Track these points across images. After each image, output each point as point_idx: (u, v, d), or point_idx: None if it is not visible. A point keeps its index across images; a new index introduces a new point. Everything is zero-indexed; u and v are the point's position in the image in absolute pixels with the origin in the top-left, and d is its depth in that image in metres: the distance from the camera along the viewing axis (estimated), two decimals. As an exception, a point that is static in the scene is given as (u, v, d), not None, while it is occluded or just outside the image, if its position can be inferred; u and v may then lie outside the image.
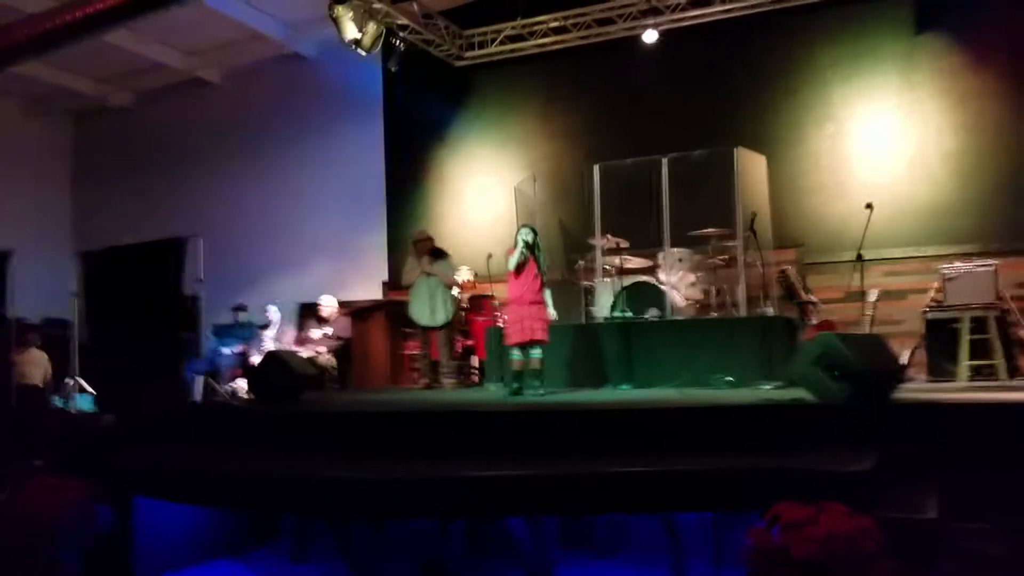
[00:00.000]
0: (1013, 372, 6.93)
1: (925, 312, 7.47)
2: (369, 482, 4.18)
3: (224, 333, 9.85)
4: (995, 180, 8.06)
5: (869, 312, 7.12)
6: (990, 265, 6.75)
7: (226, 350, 9.53)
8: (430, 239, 8.19)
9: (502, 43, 10.02)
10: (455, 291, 8.78)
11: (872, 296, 7.48)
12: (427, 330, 7.93)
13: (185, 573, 5.51)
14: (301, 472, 4.49)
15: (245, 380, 8.83)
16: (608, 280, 7.90)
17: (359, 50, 8.92)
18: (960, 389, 5.91)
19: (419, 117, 10.75)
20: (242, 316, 9.84)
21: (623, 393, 6.59)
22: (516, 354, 6.44)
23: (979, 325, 6.65)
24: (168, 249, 8.30)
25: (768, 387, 6.33)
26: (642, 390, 6.72)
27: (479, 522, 5.24)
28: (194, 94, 12.16)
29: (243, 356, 9.55)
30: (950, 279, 6.80)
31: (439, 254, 8.10)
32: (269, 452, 5.40)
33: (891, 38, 8.59)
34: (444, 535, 5.09)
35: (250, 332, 9.72)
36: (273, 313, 9.55)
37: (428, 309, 7.84)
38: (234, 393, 9.10)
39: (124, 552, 5.37)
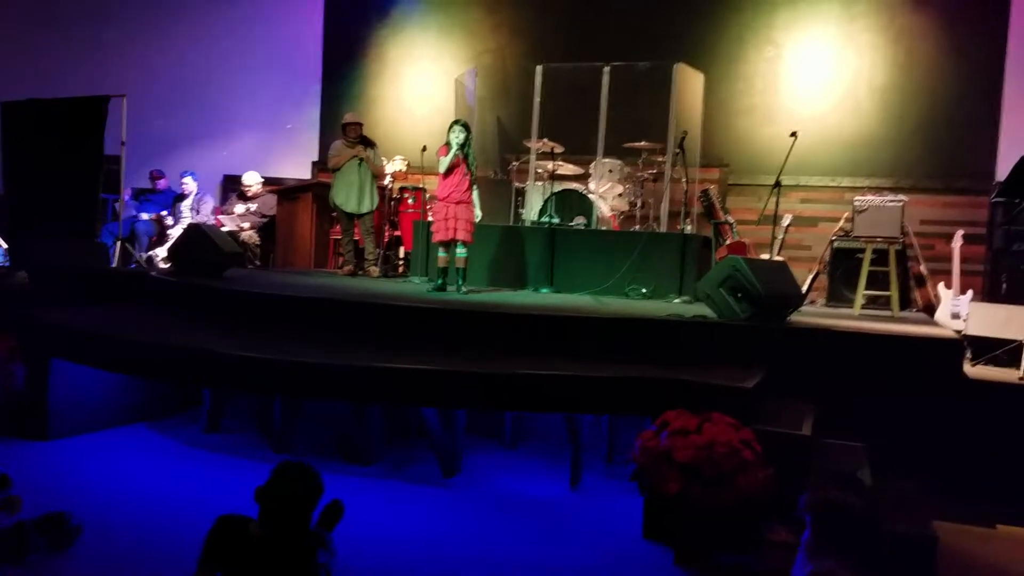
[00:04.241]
0: (905, 305, 7.44)
1: (833, 240, 7.89)
2: (285, 363, 4.31)
3: (144, 198, 9.66)
4: (916, 119, 8.38)
5: (780, 236, 7.44)
6: (899, 200, 7.05)
7: (144, 215, 9.37)
8: (361, 124, 8.07)
9: (454, -77, 9.68)
10: (387, 180, 8.76)
11: (786, 221, 7.82)
12: (351, 216, 7.93)
13: (98, 436, 5.61)
14: (217, 348, 4.57)
15: (162, 248, 8.75)
16: (540, 184, 8.01)
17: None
18: (851, 317, 6.32)
19: (364, -10, 10.42)
20: (161, 183, 9.64)
21: (542, 296, 6.81)
22: (441, 251, 6.56)
23: (880, 257, 7.02)
24: (91, 106, 7.99)
25: (678, 301, 6.66)
26: (560, 295, 6.96)
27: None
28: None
29: (161, 223, 9.41)
30: (860, 211, 7.08)
31: (368, 142, 8.00)
32: (187, 325, 5.46)
33: (837, -36, 8.68)
34: (360, 414, 5.29)
35: (171, 198, 9.55)
36: (189, 184, 9.35)
37: (355, 196, 7.80)
38: (150, 260, 9.01)
39: (37, 412, 5.44)
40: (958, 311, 6.70)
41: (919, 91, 8.39)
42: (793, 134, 6.51)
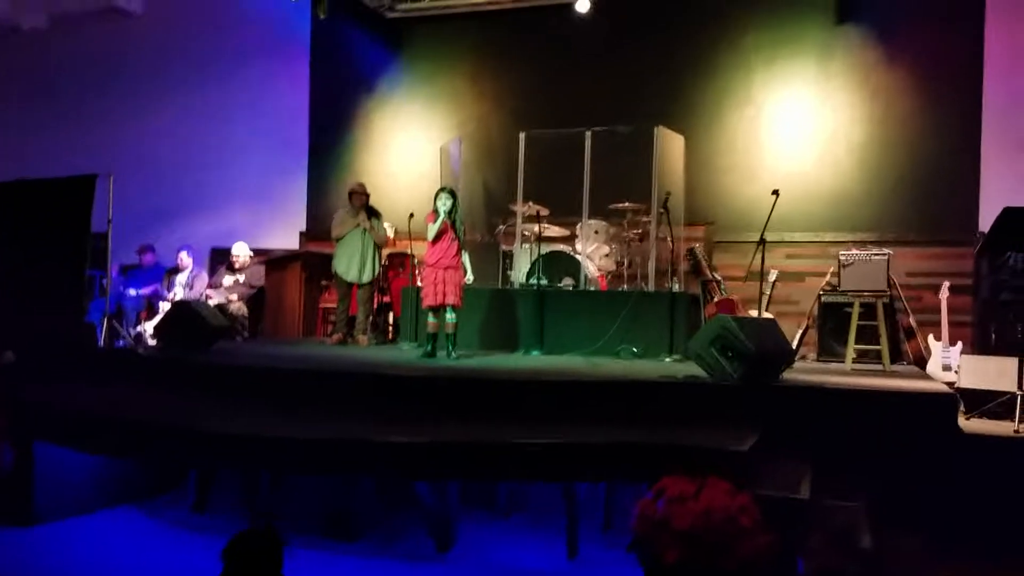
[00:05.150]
0: (896, 357, 7.44)
1: (820, 295, 7.92)
2: (275, 440, 4.24)
3: (131, 274, 9.65)
4: (896, 173, 8.48)
5: (768, 292, 7.47)
6: (884, 254, 7.10)
7: (132, 292, 9.35)
8: (368, 194, 8.12)
9: (435, -2, 9.93)
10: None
11: (772, 277, 7.85)
12: (350, 285, 7.92)
13: (85, 520, 5.49)
14: (206, 426, 4.50)
15: (151, 323, 8.70)
16: (527, 246, 8.05)
17: (287, -6, 8.70)
18: (843, 372, 6.31)
19: (348, 65, 10.59)
20: (147, 259, 9.64)
21: (533, 359, 6.78)
22: (431, 316, 6.56)
23: (868, 311, 7.03)
24: (77, 186, 8.03)
25: (669, 360, 6.63)
26: (552, 356, 6.93)
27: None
28: (113, 22, 11.60)
29: (150, 299, 9.39)
30: (846, 265, 7.13)
31: (373, 212, 8.05)
32: (175, 402, 5.38)
33: (812, 26, 8.85)
34: (349, 486, 5.20)
35: (159, 274, 9.55)
36: (184, 259, 9.36)
37: (357, 265, 7.81)
38: (139, 337, 8.94)
39: (22, 496, 5.32)
40: (949, 363, 6.70)
41: (898, 146, 8.51)
42: (775, 192, 6.57)
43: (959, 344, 6.89)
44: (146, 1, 11.52)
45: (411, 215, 7.73)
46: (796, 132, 8.85)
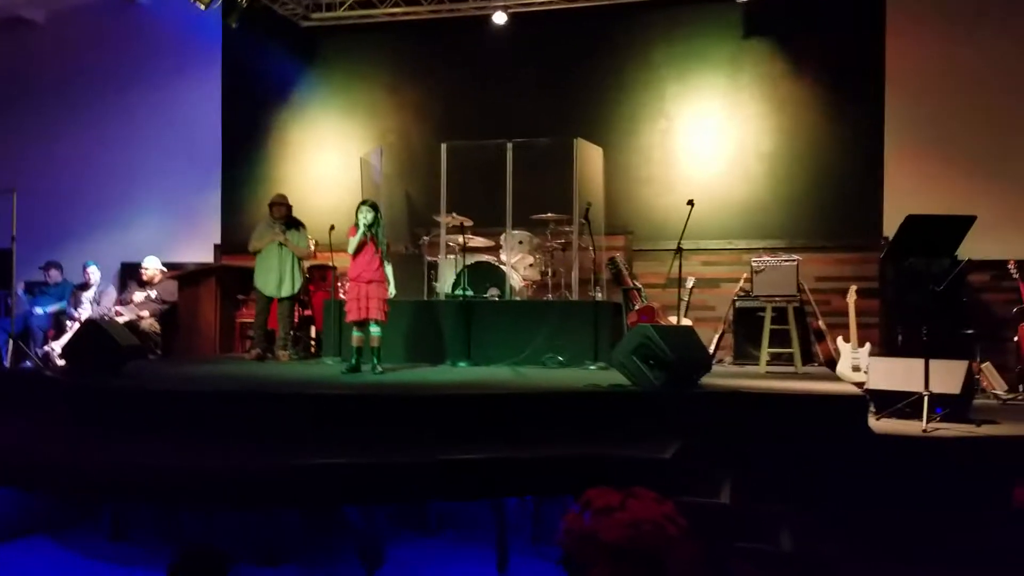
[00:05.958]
0: (807, 359, 7.72)
1: (735, 300, 8.16)
2: (191, 471, 4.11)
3: (37, 291, 9.25)
4: (804, 182, 8.82)
5: (686, 298, 7.65)
6: (794, 260, 7.38)
7: (39, 310, 8.96)
8: (288, 205, 7.95)
9: (351, 7, 9.82)
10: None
11: (689, 283, 8.07)
12: (269, 299, 7.75)
13: (-6, 552, 5.22)
14: (117, 456, 4.33)
15: (59, 342, 8.35)
16: (451, 257, 8.04)
17: (198, 3, 8.48)
18: (758, 375, 6.51)
19: (261, 75, 10.36)
20: (54, 275, 9.25)
21: (459, 371, 6.77)
22: (355, 331, 6.48)
23: (780, 315, 7.29)
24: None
25: (594, 368, 6.73)
26: (479, 368, 6.93)
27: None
28: (15, 34, 11.07)
29: (58, 317, 9.01)
30: (757, 271, 7.37)
31: (294, 223, 7.89)
32: (85, 429, 5.16)
33: (720, 41, 9.13)
34: (275, 516, 5.09)
35: (66, 291, 9.17)
36: (92, 273, 9.02)
37: (276, 279, 7.65)
38: (47, 356, 8.57)
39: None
40: (858, 363, 7.00)
41: (805, 154, 8.85)
42: (690, 202, 6.74)
43: (868, 345, 7.20)
44: (48, 11, 11.03)
45: (332, 227, 7.64)
46: (708, 143, 9.11)
